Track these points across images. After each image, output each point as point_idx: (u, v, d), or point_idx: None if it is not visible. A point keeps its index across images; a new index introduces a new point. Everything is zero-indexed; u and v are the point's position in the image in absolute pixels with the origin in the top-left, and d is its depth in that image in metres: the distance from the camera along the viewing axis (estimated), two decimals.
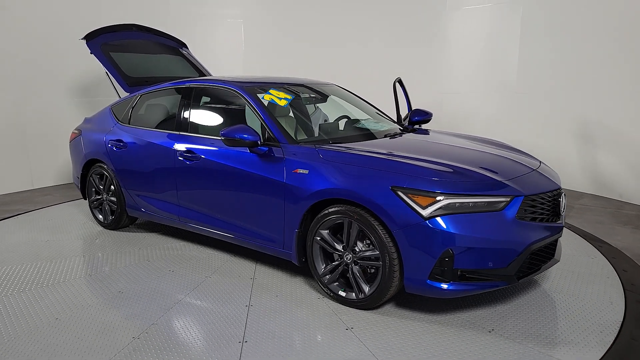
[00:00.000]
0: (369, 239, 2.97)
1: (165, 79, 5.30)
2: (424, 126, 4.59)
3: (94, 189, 4.88)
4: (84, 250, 4.26)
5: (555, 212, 3.07)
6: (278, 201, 3.33)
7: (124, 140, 4.45)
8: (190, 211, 3.98)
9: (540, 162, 3.50)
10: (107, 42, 5.18)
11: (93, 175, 4.81)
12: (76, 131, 5.09)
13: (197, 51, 7.30)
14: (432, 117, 4.44)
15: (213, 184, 3.74)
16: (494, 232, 2.75)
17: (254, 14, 7.69)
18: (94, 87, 7.05)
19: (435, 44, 7.50)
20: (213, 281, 3.56)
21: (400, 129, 4.19)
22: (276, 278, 3.61)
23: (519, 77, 6.73)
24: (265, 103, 3.76)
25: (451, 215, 2.72)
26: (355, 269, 3.04)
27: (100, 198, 4.82)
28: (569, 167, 6.30)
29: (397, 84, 4.84)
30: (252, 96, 3.74)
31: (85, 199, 5.10)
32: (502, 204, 2.80)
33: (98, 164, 4.75)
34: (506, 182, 2.90)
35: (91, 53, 5.20)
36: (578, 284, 3.43)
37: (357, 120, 4.31)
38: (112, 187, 4.62)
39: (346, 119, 4.39)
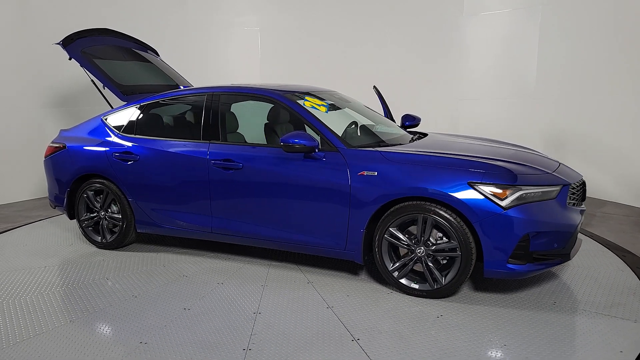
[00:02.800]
0: (443, 232, 3.22)
1: (156, 87, 5.06)
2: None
3: (84, 207, 4.47)
4: (104, 272, 3.90)
5: (582, 198, 3.60)
6: (342, 203, 3.43)
7: (134, 152, 4.17)
8: (229, 221, 3.87)
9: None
10: (86, 47, 4.78)
11: (87, 191, 4.40)
12: (57, 145, 4.60)
13: (214, 59, 7.39)
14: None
15: (260, 191, 3.70)
16: (556, 217, 3.18)
17: (271, 22, 7.53)
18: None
19: (452, 50, 7.42)
20: (273, 289, 3.53)
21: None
22: (331, 278, 3.68)
23: (538, 83, 6.70)
24: None
25: (523, 204, 3.08)
26: (429, 261, 3.27)
27: (96, 216, 4.43)
28: (589, 173, 5.88)
29: (375, 91, 5.15)
30: (296, 104, 3.78)
31: (72, 219, 4.64)
32: (555, 193, 3.24)
33: (93, 179, 4.37)
34: (554, 174, 3.35)
35: (70, 59, 4.76)
36: (589, 260, 4.02)
37: (371, 126, 4.51)
38: (117, 202, 4.28)
39: (354, 125, 4.58)
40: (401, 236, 3.32)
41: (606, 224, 5.14)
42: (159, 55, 5.74)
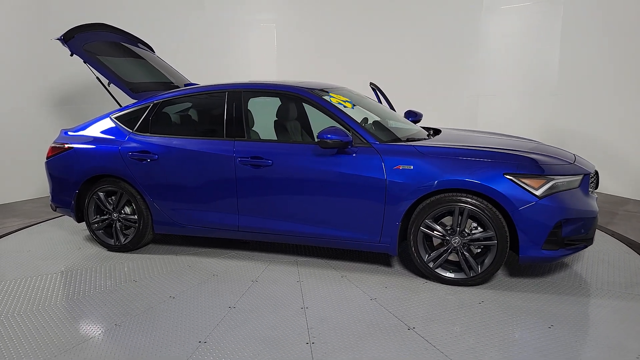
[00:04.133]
0: (477, 221, 3.36)
1: (163, 85, 4.94)
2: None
3: (94, 209, 4.31)
4: (128, 275, 3.79)
5: (595, 186, 3.84)
6: (378, 197, 3.49)
7: (152, 151, 4.06)
8: (257, 219, 3.85)
9: None
10: (87, 43, 4.61)
11: (98, 193, 4.25)
12: (61, 145, 4.41)
13: (230, 56, 7.38)
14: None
15: (291, 188, 3.70)
16: (582, 204, 3.38)
17: (287, 18, 7.42)
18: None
19: (471, 45, 7.23)
20: (310, 284, 3.56)
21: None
22: (363, 272, 3.75)
23: (560, 79, 6.54)
24: None
25: (555, 193, 3.26)
26: (465, 250, 3.40)
27: (108, 218, 4.28)
28: (613, 171, 6.12)
29: (374, 88, 5.25)
30: (325, 100, 3.81)
31: (79, 222, 4.47)
32: (578, 182, 3.44)
33: (106, 180, 4.23)
34: (576, 164, 3.56)
35: (72, 55, 4.57)
36: (597, 245, 4.28)
37: (384, 122, 4.59)
38: (132, 203, 4.17)
39: (367, 121, 4.65)
40: (438, 227, 3.43)
41: (629, 223, 5.07)
42: (154, 52, 5.60)
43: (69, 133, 4.50)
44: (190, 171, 3.97)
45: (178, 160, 4.00)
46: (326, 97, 3.88)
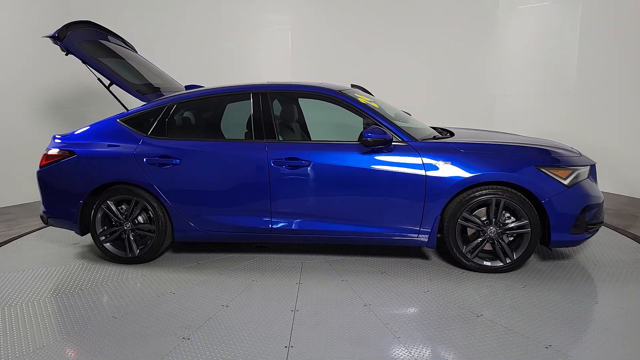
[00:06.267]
0: (510, 211, 3.61)
1: (167, 87, 4.70)
2: None
3: (100, 220, 4.01)
4: (162, 287, 3.57)
5: None
6: (417, 193, 3.62)
7: (173, 155, 3.86)
8: (292, 221, 3.80)
9: None
10: (82, 41, 4.25)
11: (107, 202, 3.96)
12: (59, 152, 4.03)
13: (245, 57, 7.27)
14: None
15: (329, 188, 3.71)
16: (596, 192, 3.76)
17: (302, 20, 7.22)
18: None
19: (488, 45, 7.19)
20: (355, 282, 3.60)
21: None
22: (400, 267, 3.86)
23: (579, 79, 6.47)
24: None
25: (579, 182, 3.60)
26: (500, 239, 3.64)
27: (119, 229, 3.99)
28: (631, 172, 6.11)
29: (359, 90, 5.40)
30: (358, 101, 3.86)
31: (82, 235, 4.12)
32: (587, 172, 3.82)
33: (115, 188, 3.94)
34: (584, 156, 3.94)
35: (67, 54, 4.19)
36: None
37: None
38: (148, 211, 3.93)
39: None
40: (474, 219, 3.63)
41: None
42: (137, 52, 5.29)
43: (63, 139, 4.13)
44: (217, 175, 3.83)
45: (203, 164, 3.84)
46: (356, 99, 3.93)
